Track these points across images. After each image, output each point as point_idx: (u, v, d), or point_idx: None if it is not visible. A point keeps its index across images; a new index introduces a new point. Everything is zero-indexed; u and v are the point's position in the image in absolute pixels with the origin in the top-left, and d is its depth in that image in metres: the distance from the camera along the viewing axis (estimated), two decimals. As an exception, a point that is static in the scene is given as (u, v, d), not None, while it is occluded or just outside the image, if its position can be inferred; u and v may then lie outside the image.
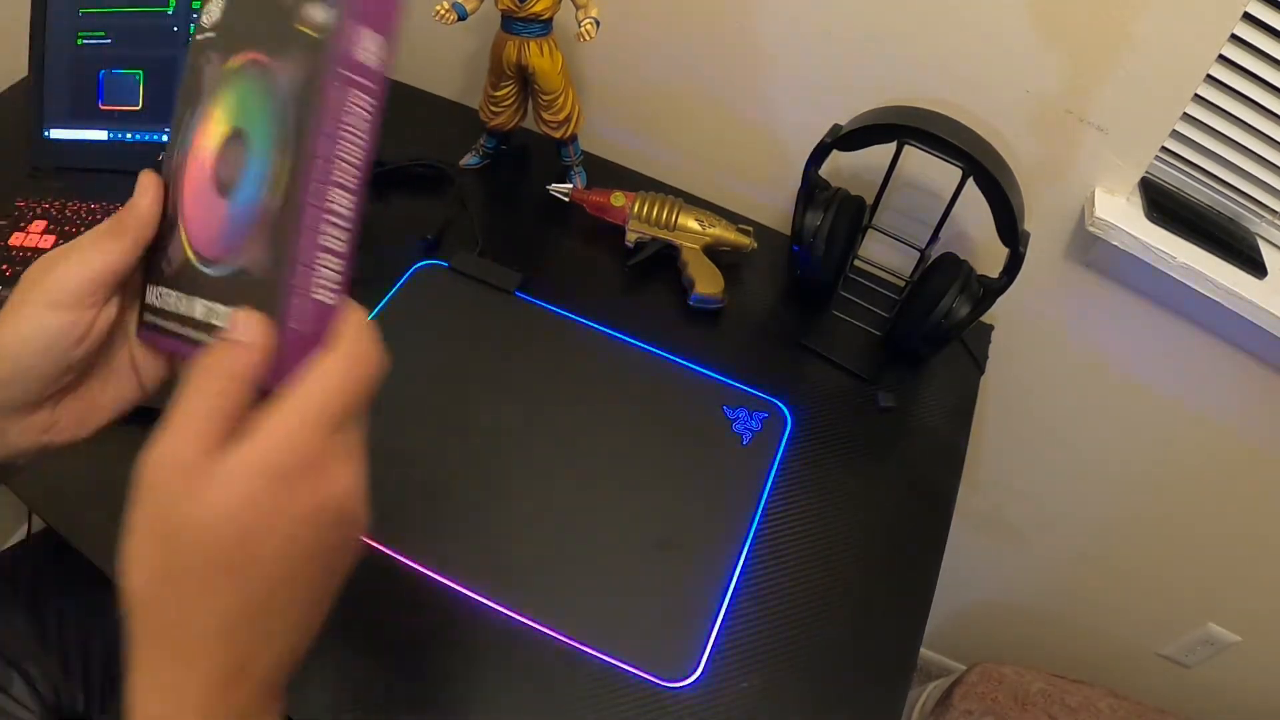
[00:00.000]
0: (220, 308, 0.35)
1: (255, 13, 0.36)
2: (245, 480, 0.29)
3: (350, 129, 0.34)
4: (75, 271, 0.35)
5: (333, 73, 0.33)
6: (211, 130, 0.36)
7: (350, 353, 0.32)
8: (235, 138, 0.35)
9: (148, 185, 0.37)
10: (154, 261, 0.38)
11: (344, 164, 0.34)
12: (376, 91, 0.34)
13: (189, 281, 0.37)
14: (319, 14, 0.33)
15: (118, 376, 0.40)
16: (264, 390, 0.32)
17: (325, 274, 0.34)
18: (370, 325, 0.33)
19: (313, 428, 0.30)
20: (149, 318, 0.39)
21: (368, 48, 0.33)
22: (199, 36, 0.38)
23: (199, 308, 0.36)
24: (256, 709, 0.31)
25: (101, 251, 0.36)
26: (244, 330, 0.31)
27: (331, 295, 0.34)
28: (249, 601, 0.30)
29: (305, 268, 0.33)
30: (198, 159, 0.37)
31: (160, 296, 0.38)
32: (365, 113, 0.34)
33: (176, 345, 0.38)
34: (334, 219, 0.34)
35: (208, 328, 0.36)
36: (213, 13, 0.38)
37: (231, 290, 0.35)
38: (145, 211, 0.37)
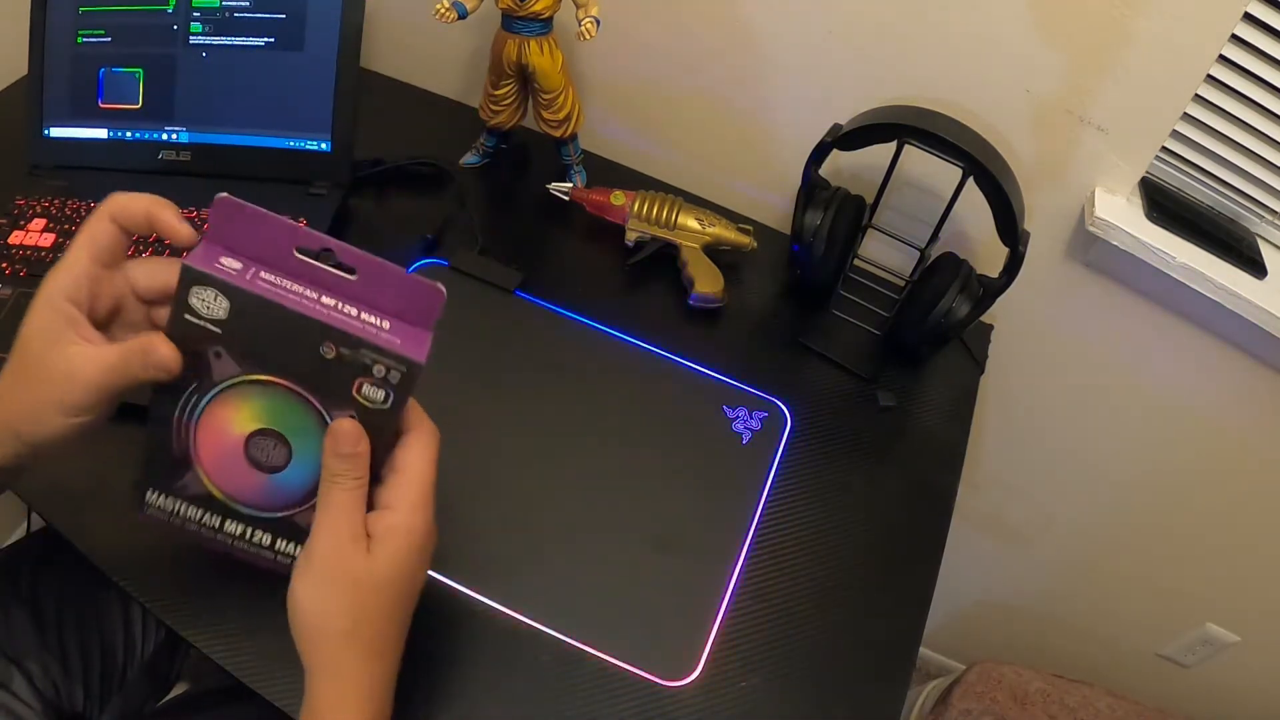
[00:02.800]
0: (264, 535, 0.46)
1: (289, 349, 0.42)
2: (407, 538, 0.43)
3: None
4: (90, 383, 0.40)
5: (388, 438, 0.43)
6: (237, 419, 0.44)
7: (426, 441, 0.44)
8: (268, 435, 0.44)
9: (169, 354, 0.42)
10: (159, 474, 0.45)
11: None
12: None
13: (219, 508, 0.46)
14: (379, 395, 0.42)
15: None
16: None
17: None
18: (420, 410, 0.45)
19: (429, 495, 0.44)
20: (155, 513, 0.46)
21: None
22: (192, 319, 0.41)
23: (234, 527, 0.46)
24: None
25: (114, 374, 0.41)
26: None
27: None
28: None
29: None
30: (220, 434, 0.44)
31: (176, 505, 0.46)
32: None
33: (191, 535, 0.46)
34: None
35: (244, 540, 0.46)
36: (211, 307, 0.41)
37: (280, 529, 0.46)
38: (165, 363, 0.42)
